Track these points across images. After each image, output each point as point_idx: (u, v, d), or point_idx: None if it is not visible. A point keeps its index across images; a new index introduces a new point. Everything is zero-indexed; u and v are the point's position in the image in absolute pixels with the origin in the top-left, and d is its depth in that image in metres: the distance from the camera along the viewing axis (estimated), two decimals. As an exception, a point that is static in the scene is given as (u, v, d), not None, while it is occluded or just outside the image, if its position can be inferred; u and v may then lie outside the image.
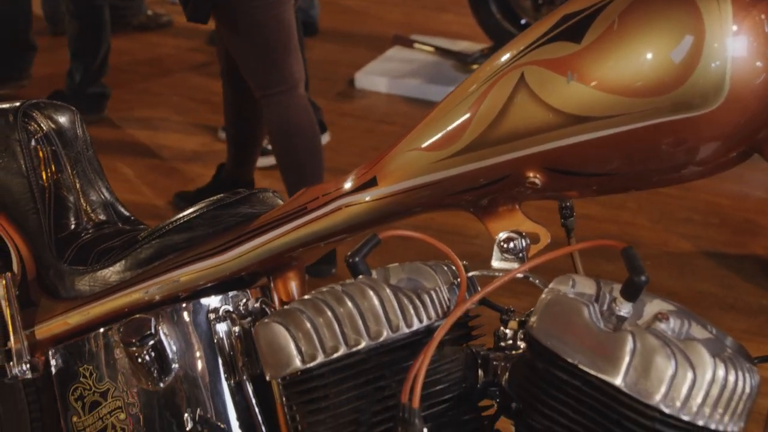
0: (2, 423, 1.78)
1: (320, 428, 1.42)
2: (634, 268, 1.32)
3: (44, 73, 4.98)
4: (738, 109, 1.30)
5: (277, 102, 3.37)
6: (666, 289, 3.45)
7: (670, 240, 3.83)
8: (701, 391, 1.27)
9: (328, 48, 5.59)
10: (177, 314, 1.58)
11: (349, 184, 1.53)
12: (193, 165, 4.33)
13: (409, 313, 1.40)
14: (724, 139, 1.33)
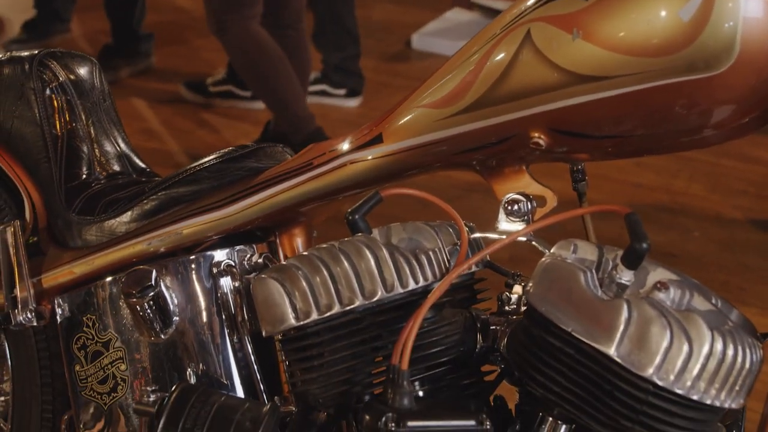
0: (14, 369, 1.79)
1: (313, 386, 1.40)
2: (636, 235, 1.27)
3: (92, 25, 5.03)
4: (750, 71, 1.24)
5: (237, 28, 3.59)
6: (713, 262, 3.37)
7: (722, 211, 3.73)
8: (697, 365, 1.22)
9: (386, 8, 5.53)
10: (180, 267, 1.57)
11: (355, 140, 1.51)
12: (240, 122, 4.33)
13: (405, 273, 1.37)
14: (736, 102, 1.27)
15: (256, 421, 1.32)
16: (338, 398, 1.40)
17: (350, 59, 4.40)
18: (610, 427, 1.28)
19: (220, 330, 1.56)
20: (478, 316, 1.43)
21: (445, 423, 1.30)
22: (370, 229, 1.43)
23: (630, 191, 3.85)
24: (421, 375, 1.41)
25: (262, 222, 1.57)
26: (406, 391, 1.31)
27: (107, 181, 1.71)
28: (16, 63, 1.73)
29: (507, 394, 1.47)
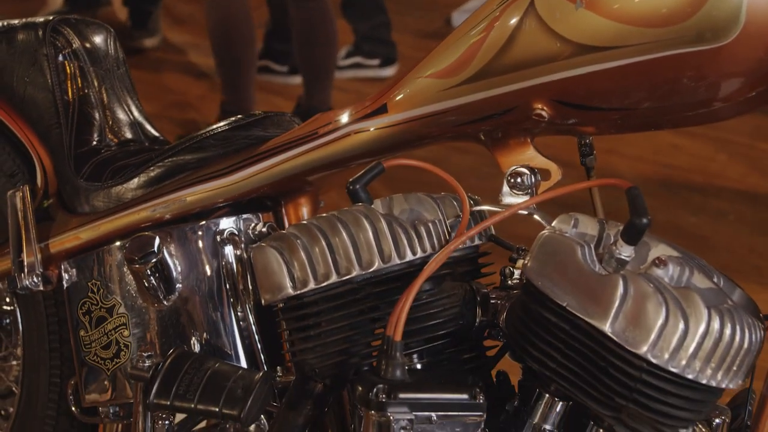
0: (24, 334, 1.81)
1: (310, 356, 1.39)
2: (637, 210, 1.25)
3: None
4: (756, 42, 1.20)
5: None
6: (746, 245, 3.32)
7: (757, 195, 3.67)
8: (692, 343, 1.20)
9: (428, -14, 5.50)
10: (185, 234, 1.57)
11: (360, 110, 1.49)
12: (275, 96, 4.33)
13: (402, 244, 1.36)
14: (743, 74, 1.24)
15: (247, 388, 1.32)
16: (335, 368, 1.39)
17: (380, 27, 4.38)
18: (605, 405, 1.26)
19: (222, 298, 1.56)
20: (479, 289, 1.41)
21: (437, 396, 1.29)
22: (371, 199, 1.42)
23: (665, 172, 3.80)
24: (420, 347, 1.39)
25: (266, 190, 1.56)
26: (398, 363, 1.30)
27: (118, 148, 1.71)
28: (30, 29, 1.74)
29: (512, 370, 1.46)
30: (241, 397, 1.31)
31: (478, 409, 1.30)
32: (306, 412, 1.44)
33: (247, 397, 1.31)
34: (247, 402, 1.31)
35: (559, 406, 1.35)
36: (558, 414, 1.35)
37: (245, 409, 1.31)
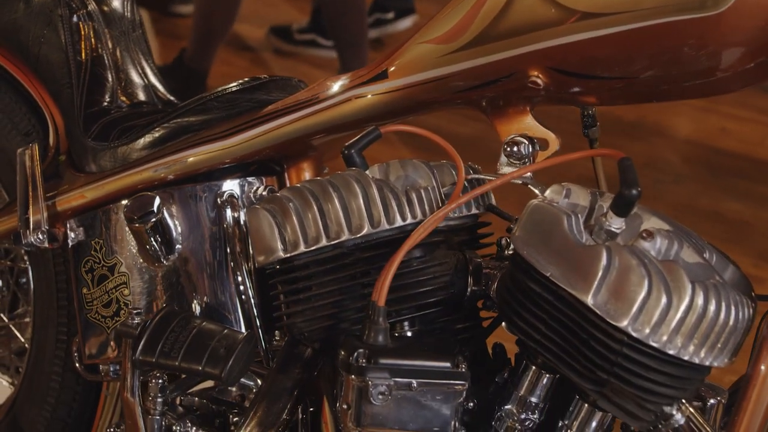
0: (35, 291, 1.83)
1: (299, 319, 1.39)
2: (627, 181, 1.22)
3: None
4: (756, 9, 1.17)
5: None
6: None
7: (806, 183, 3.59)
8: (675, 318, 1.17)
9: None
10: (186, 195, 1.57)
11: (362, 76, 1.48)
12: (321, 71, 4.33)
13: (392, 210, 1.35)
14: (742, 43, 1.20)
15: (230, 348, 1.32)
16: (324, 333, 1.38)
17: None
18: (587, 378, 1.24)
19: (221, 260, 1.56)
20: (472, 259, 1.40)
21: (419, 362, 1.28)
22: (366, 164, 1.40)
23: (711, 157, 3.73)
24: (411, 315, 1.38)
25: (268, 153, 1.55)
26: (381, 328, 1.29)
27: (129, 109, 1.72)
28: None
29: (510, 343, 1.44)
30: (223, 356, 1.31)
31: (460, 378, 1.28)
32: (295, 376, 1.44)
33: (229, 357, 1.31)
34: (228, 362, 1.31)
35: (546, 379, 1.33)
36: (545, 387, 1.33)
37: (226, 369, 1.31)
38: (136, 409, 1.40)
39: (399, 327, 1.38)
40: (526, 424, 1.34)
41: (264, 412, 1.43)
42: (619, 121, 3.86)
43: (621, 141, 3.72)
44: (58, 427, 1.81)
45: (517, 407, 1.34)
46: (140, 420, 1.41)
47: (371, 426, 1.27)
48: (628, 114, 3.91)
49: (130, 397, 1.40)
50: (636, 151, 3.68)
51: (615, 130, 3.80)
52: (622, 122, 3.86)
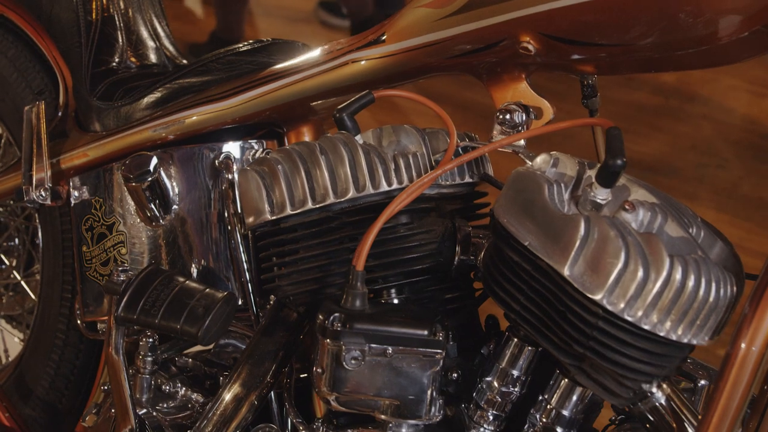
0: (43, 249, 1.84)
1: (284, 282, 1.38)
2: (613, 150, 1.18)
3: None
4: None
5: None
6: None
7: None
8: (651, 293, 1.13)
9: None
10: (185, 156, 1.56)
11: (360, 40, 1.46)
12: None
13: (378, 174, 1.33)
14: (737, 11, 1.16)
15: (208, 308, 1.31)
16: (309, 297, 1.37)
17: None
18: (565, 352, 1.21)
19: (217, 222, 1.56)
20: (461, 227, 1.37)
21: (395, 329, 1.26)
22: (357, 128, 1.39)
23: (759, 142, 3.64)
24: (399, 282, 1.36)
25: (267, 116, 1.54)
26: (359, 293, 1.27)
27: (137, 70, 1.72)
28: None
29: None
30: (201, 315, 1.30)
31: (437, 346, 1.26)
32: (279, 339, 1.43)
33: (206, 316, 1.30)
34: (205, 321, 1.30)
35: (528, 352, 1.30)
36: (526, 360, 1.31)
37: (203, 328, 1.30)
38: (120, 366, 1.41)
39: (386, 294, 1.37)
40: (507, 397, 1.31)
41: (247, 373, 1.42)
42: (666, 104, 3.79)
43: (668, 123, 3.65)
44: (61, 384, 1.82)
45: (498, 380, 1.31)
46: (124, 378, 1.42)
47: (345, 391, 1.26)
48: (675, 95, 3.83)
49: (114, 354, 1.40)
50: (682, 133, 3.62)
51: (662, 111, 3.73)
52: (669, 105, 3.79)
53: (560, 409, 1.28)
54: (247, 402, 1.42)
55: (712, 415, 1.13)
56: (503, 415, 1.32)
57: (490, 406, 1.32)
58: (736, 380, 1.12)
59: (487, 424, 1.32)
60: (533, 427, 1.30)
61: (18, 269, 2.04)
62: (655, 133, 3.62)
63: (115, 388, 1.43)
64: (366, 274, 1.30)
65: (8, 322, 2.13)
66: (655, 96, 3.86)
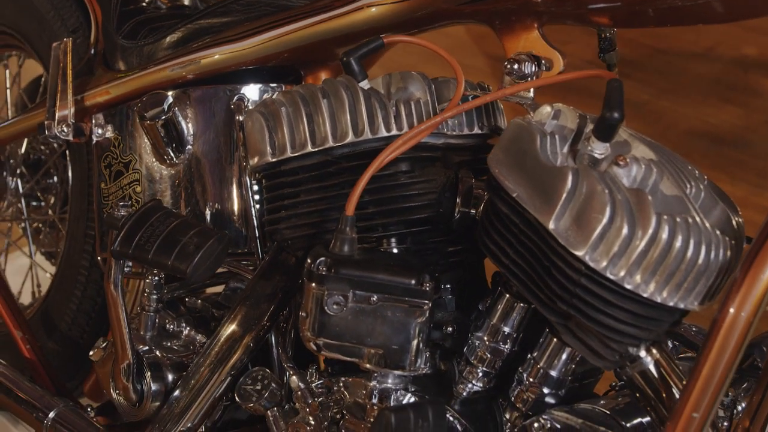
0: (73, 186, 1.87)
1: (283, 226, 1.37)
2: (610, 103, 1.14)
3: None
4: None
5: None
6: None
7: None
8: (636, 251, 1.09)
9: None
10: (202, 97, 1.56)
11: None
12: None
13: (377, 119, 1.30)
14: None
15: (199, 245, 1.31)
16: (307, 242, 1.36)
17: None
18: (550, 310, 1.17)
19: (230, 164, 1.55)
20: (464, 179, 1.34)
21: (381, 276, 1.23)
22: (364, 73, 1.36)
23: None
24: (399, 231, 1.34)
25: (284, 59, 1.53)
26: (347, 238, 1.25)
27: (166, 10, 1.72)
28: None
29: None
30: (191, 252, 1.30)
31: (424, 296, 1.23)
32: (277, 283, 1.43)
33: (196, 254, 1.30)
34: (194, 258, 1.30)
35: (520, 308, 1.27)
36: (518, 317, 1.27)
37: (192, 265, 1.30)
38: (118, 301, 1.41)
39: (386, 243, 1.35)
40: (497, 354, 1.28)
41: (243, 315, 1.42)
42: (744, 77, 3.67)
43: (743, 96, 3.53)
44: (83, 320, 1.85)
45: (489, 336, 1.29)
46: (122, 312, 1.42)
47: (327, 337, 1.25)
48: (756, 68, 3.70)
49: (113, 289, 1.41)
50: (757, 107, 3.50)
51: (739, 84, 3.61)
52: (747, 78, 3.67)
53: (548, 369, 1.25)
54: (242, 344, 1.42)
55: (695, 381, 1.09)
56: (493, 372, 1.29)
57: (480, 362, 1.29)
58: (722, 346, 1.07)
59: (476, 380, 1.30)
60: (520, 385, 1.26)
61: (55, 207, 2.07)
62: (729, 105, 3.51)
63: (114, 323, 1.44)
64: (357, 219, 1.28)
65: (47, 259, 2.17)
66: (734, 68, 3.74)
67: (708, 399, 1.09)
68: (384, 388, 1.30)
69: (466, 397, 1.30)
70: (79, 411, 1.62)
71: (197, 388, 1.44)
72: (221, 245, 1.33)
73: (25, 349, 1.82)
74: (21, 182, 2.08)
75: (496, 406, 1.30)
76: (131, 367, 1.45)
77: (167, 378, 1.49)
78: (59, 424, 1.59)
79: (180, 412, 1.45)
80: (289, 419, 1.38)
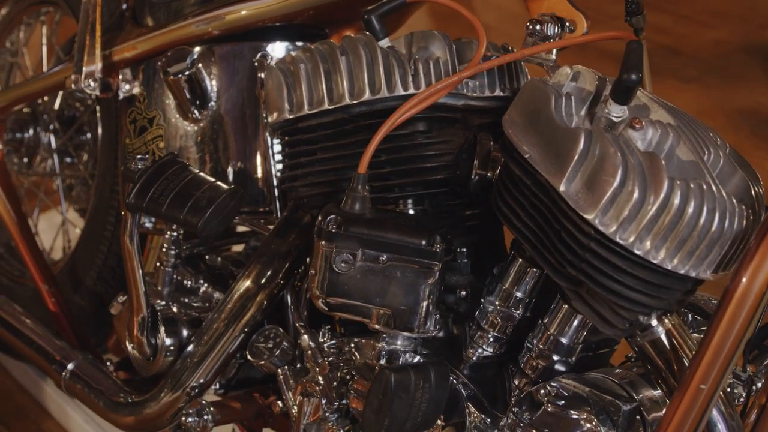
0: (102, 141, 1.87)
1: (298, 183, 1.36)
2: (628, 65, 1.11)
3: None
4: None
5: None
6: None
7: None
8: (646, 216, 1.06)
9: None
10: (227, 53, 1.55)
11: None
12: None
13: (394, 78, 1.28)
14: None
15: (211, 199, 1.30)
16: (323, 200, 1.35)
17: None
18: (561, 275, 1.15)
19: (252, 121, 1.54)
20: (482, 141, 1.31)
21: (391, 236, 1.22)
22: (384, 31, 1.34)
23: None
24: (415, 192, 1.32)
25: (310, 17, 1.52)
26: (359, 196, 1.24)
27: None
28: None
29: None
30: (203, 207, 1.29)
31: (434, 257, 1.22)
32: (291, 241, 1.42)
33: (208, 208, 1.29)
34: (206, 212, 1.29)
35: (532, 273, 1.25)
36: (530, 282, 1.25)
37: (204, 219, 1.29)
38: (134, 254, 1.41)
39: (402, 204, 1.33)
40: (508, 319, 1.26)
41: (257, 273, 1.42)
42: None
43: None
44: (108, 275, 1.86)
45: (500, 301, 1.27)
46: (137, 266, 1.42)
47: (335, 295, 1.23)
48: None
49: (128, 243, 1.41)
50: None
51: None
52: None
53: (558, 336, 1.22)
54: (255, 301, 1.42)
55: (704, 352, 1.06)
56: (504, 337, 1.28)
57: (491, 327, 1.27)
58: (733, 317, 1.04)
59: (487, 346, 1.28)
60: (529, 352, 1.24)
61: (87, 164, 2.08)
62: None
63: (130, 277, 1.44)
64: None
65: (81, 216, 2.18)
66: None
67: (717, 371, 1.06)
68: (392, 349, 1.28)
69: (475, 362, 1.29)
70: (97, 364, 1.63)
71: (210, 344, 1.44)
72: (234, 200, 1.32)
73: (51, 302, 1.83)
74: (54, 138, 2.09)
75: (506, 372, 1.29)
76: (146, 321, 1.46)
77: (182, 333, 1.49)
78: (77, 376, 1.60)
79: (193, 366, 1.45)
80: (300, 378, 1.38)
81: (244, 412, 1.51)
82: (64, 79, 1.71)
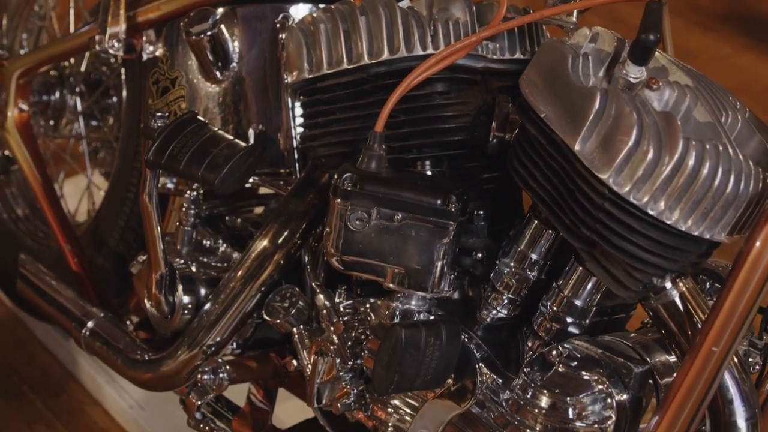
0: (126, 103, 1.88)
1: (316, 143, 1.36)
2: (646, 25, 1.10)
3: None
4: None
5: None
6: None
7: None
8: (661, 176, 1.06)
9: None
10: (250, 14, 1.55)
11: None
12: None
13: (413, 37, 1.28)
14: None
15: (228, 157, 1.31)
16: (341, 160, 1.34)
17: None
18: (575, 235, 1.15)
19: (271, 82, 1.54)
20: (501, 103, 1.31)
21: (406, 194, 1.22)
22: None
23: None
24: (433, 154, 1.32)
25: None
26: (375, 154, 1.24)
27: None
28: None
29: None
30: (220, 164, 1.30)
31: (449, 217, 1.22)
32: (309, 201, 1.43)
33: (225, 165, 1.30)
34: (223, 169, 1.30)
35: (548, 235, 1.25)
36: (546, 244, 1.25)
37: (220, 176, 1.30)
38: (152, 212, 1.42)
39: (420, 165, 1.33)
40: (523, 281, 1.26)
41: (275, 232, 1.42)
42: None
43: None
44: (131, 237, 1.87)
45: (515, 262, 1.26)
46: (156, 223, 1.43)
47: (350, 253, 1.24)
48: None
49: (147, 201, 1.41)
50: None
51: None
52: None
53: (572, 298, 1.22)
54: (272, 260, 1.43)
55: (717, 315, 1.06)
56: (518, 300, 1.27)
57: (506, 288, 1.27)
58: (745, 280, 1.04)
59: (501, 307, 1.28)
60: (543, 314, 1.24)
61: (113, 127, 2.09)
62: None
63: (148, 235, 1.45)
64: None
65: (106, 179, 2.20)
66: None
67: (729, 333, 1.06)
68: (406, 309, 1.28)
69: (489, 323, 1.29)
70: (117, 322, 1.64)
71: (227, 303, 1.45)
72: (251, 158, 1.32)
73: (73, 262, 1.85)
74: (80, 101, 2.10)
75: (520, 334, 1.28)
76: (164, 279, 1.47)
77: (200, 292, 1.50)
78: (96, 334, 1.62)
79: (209, 325, 1.46)
80: (315, 338, 1.38)
81: (260, 372, 1.52)
82: (88, 40, 1.72)
